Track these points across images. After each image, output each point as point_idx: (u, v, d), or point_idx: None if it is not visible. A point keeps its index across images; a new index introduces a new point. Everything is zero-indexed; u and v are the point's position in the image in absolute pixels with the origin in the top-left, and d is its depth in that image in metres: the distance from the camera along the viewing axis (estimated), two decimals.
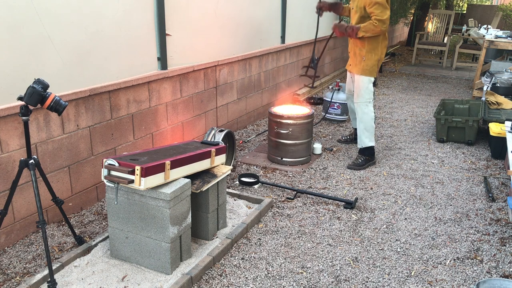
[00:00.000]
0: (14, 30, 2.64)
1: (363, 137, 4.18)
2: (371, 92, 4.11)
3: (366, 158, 4.22)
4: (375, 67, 4.07)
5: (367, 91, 4.09)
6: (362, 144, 4.19)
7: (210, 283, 2.55)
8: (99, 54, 3.20)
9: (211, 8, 4.35)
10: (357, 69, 4.08)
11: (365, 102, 4.10)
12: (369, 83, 4.08)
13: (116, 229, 2.63)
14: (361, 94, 4.10)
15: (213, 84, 4.57)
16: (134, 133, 3.62)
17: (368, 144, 4.18)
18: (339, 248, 2.92)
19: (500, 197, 3.66)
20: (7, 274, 2.56)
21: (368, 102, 4.11)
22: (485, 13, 12.75)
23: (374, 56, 4.02)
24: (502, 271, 2.71)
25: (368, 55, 4.00)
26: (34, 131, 2.85)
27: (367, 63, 4.02)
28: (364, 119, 4.13)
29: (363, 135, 4.17)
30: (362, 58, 4.02)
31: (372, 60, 4.02)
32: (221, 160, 2.95)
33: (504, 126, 4.10)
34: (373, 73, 4.07)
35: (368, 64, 4.02)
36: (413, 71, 9.30)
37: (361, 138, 4.19)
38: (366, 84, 4.07)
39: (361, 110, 4.13)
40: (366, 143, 4.18)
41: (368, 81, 4.07)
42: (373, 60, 4.02)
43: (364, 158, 4.21)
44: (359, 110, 4.15)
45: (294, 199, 3.56)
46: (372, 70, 4.05)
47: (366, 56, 4.01)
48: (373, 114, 4.14)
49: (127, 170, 2.36)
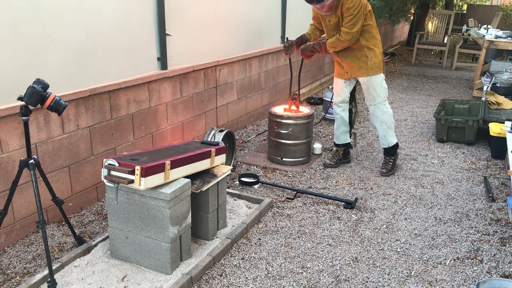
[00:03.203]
0: (14, 29, 2.64)
1: (388, 137, 4.03)
2: (386, 90, 3.96)
3: (393, 158, 4.10)
4: (381, 62, 3.89)
5: (382, 90, 3.92)
6: (389, 143, 4.04)
7: (210, 283, 2.55)
8: (99, 54, 3.20)
9: (211, 8, 4.35)
10: (363, 71, 3.86)
11: (383, 101, 3.95)
12: (382, 80, 3.91)
13: (116, 229, 2.63)
14: (378, 94, 3.92)
15: (213, 84, 4.57)
16: (134, 133, 3.62)
17: (393, 142, 4.05)
18: (339, 248, 2.92)
19: (500, 197, 3.66)
20: (7, 274, 2.56)
21: (385, 101, 3.96)
22: (485, 13, 12.76)
23: (378, 50, 3.85)
24: (502, 271, 2.71)
25: (371, 52, 3.81)
26: (34, 131, 2.85)
27: (374, 60, 3.82)
28: (385, 118, 3.98)
29: (387, 134, 4.02)
30: (367, 58, 3.81)
31: (377, 55, 3.84)
32: (221, 160, 2.95)
33: (504, 126, 4.10)
34: (381, 68, 3.88)
35: (375, 62, 3.83)
36: (413, 71, 9.30)
37: (386, 138, 4.03)
38: (380, 82, 3.90)
39: (380, 110, 3.96)
40: (392, 141, 4.04)
41: (381, 78, 3.90)
42: (379, 54, 3.85)
43: (393, 159, 4.10)
44: (378, 111, 3.96)
45: (294, 199, 3.56)
46: (380, 65, 3.87)
47: (370, 54, 3.81)
48: (391, 111, 4.01)
49: (127, 170, 2.36)
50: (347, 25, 3.61)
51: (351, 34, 3.62)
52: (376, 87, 3.89)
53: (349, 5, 3.54)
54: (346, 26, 3.62)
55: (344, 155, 4.27)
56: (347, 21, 3.60)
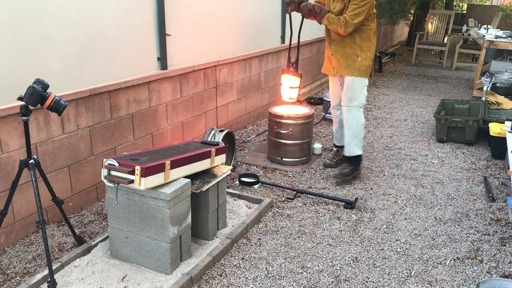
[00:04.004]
0: (15, 29, 2.64)
1: (352, 145, 3.79)
2: (365, 96, 3.77)
3: (353, 168, 3.85)
4: (369, 68, 3.75)
5: (361, 95, 3.73)
6: (351, 152, 3.82)
7: (210, 283, 2.55)
8: (99, 54, 3.20)
9: (211, 8, 4.35)
10: (349, 70, 3.70)
11: (357, 106, 3.73)
12: (364, 86, 3.74)
13: (116, 229, 2.63)
14: (355, 97, 3.71)
15: (213, 84, 4.57)
16: (134, 133, 3.62)
17: (357, 152, 3.82)
18: (339, 248, 2.92)
19: (500, 197, 3.66)
20: (7, 274, 2.56)
21: (360, 107, 3.75)
22: (485, 13, 12.75)
23: (370, 54, 3.69)
24: (502, 271, 2.71)
25: (364, 54, 3.66)
26: (34, 131, 2.85)
27: (363, 63, 3.67)
28: (353, 125, 3.74)
29: (352, 142, 3.78)
30: (357, 57, 3.66)
31: (368, 59, 3.69)
32: (221, 160, 2.95)
33: (504, 126, 4.10)
34: (368, 73, 3.75)
35: (364, 65, 3.68)
36: (413, 71, 9.30)
37: (349, 146, 3.80)
38: (361, 87, 3.72)
39: (351, 115, 3.73)
40: (355, 151, 3.81)
41: (363, 82, 3.72)
42: (369, 59, 3.70)
43: (351, 168, 3.84)
44: (349, 115, 3.74)
45: (294, 199, 3.56)
46: (367, 70, 3.72)
47: (362, 55, 3.66)
48: (363, 120, 3.79)
49: (127, 170, 2.36)
50: (350, 14, 3.47)
51: (349, 24, 3.49)
52: (356, 89, 3.72)
53: None
54: (349, 15, 3.47)
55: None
56: (351, 10, 3.47)
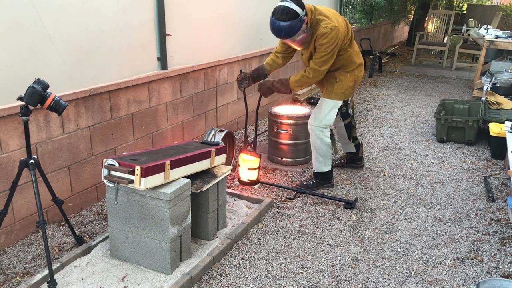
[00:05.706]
0: (15, 29, 2.64)
1: (316, 163, 3.63)
2: (332, 119, 3.51)
3: (318, 182, 3.70)
4: (350, 90, 3.48)
5: (328, 116, 3.49)
6: (317, 169, 3.66)
7: (210, 283, 2.55)
8: (99, 54, 3.20)
9: (211, 8, 4.35)
10: (325, 93, 3.52)
11: (320, 127, 3.50)
12: (333, 108, 3.49)
13: (116, 229, 2.63)
14: (319, 117, 3.49)
15: (213, 84, 4.57)
16: (134, 133, 3.62)
17: (323, 169, 3.64)
18: (339, 248, 2.92)
19: (500, 197, 3.66)
20: (7, 274, 2.56)
21: (324, 128, 3.51)
22: (485, 13, 12.74)
23: (350, 76, 3.44)
24: (502, 271, 2.71)
25: (342, 76, 3.43)
26: (34, 131, 2.85)
27: (341, 85, 3.44)
28: (317, 145, 3.55)
29: (317, 160, 3.62)
30: (335, 80, 3.44)
31: (346, 81, 3.44)
32: (221, 160, 2.95)
33: (504, 126, 4.10)
34: (347, 95, 3.52)
35: (342, 87, 3.44)
36: (413, 71, 9.30)
37: (315, 162, 3.65)
38: (329, 108, 3.49)
39: (315, 135, 3.52)
40: (320, 168, 3.65)
41: (332, 105, 3.49)
42: (348, 81, 3.45)
43: (315, 181, 3.70)
44: (313, 134, 3.54)
45: (294, 199, 3.56)
46: (346, 92, 3.48)
47: (341, 77, 3.43)
48: (329, 140, 3.55)
49: (127, 170, 2.36)
50: (317, 61, 3.24)
51: (319, 72, 3.28)
52: (324, 109, 3.50)
53: (322, 41, 3.16)
54: (316, 63, 3.24)
55: (352, 160, 4.14)
56: (318, 57, 3.23)
